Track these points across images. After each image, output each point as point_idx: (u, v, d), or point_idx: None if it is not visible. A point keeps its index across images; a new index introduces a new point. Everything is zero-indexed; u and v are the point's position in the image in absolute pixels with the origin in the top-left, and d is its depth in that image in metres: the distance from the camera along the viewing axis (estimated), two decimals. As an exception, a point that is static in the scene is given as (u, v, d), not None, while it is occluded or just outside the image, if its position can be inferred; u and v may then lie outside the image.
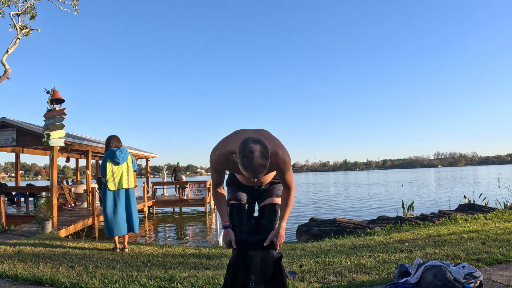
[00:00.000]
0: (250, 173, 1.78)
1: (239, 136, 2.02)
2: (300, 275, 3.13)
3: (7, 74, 8.46)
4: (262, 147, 1.78)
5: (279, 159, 2.01)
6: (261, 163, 1.76)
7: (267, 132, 2.15)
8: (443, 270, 2.46)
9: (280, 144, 2.07)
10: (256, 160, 1.75)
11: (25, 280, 3.30)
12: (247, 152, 1.76)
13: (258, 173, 1.78)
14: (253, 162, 1.75)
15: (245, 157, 1.76)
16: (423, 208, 12.43)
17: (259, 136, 2.00)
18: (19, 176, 12.11)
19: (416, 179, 44.41)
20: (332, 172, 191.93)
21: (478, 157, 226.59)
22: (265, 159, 1.78)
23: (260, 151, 1.76)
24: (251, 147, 1.76)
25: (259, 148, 1.77)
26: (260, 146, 1.78)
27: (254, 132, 2.10)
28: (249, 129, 2.17)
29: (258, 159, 1.75)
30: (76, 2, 9.53)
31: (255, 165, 1.75)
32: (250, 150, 1.75)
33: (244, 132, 2.09)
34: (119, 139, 5.17)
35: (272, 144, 1.99)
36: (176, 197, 16.20)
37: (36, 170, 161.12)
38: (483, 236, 4.41)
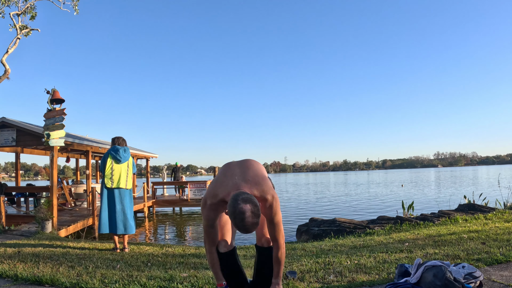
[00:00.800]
0: (243, 231, 1.85)
1: (227, 181, 2.07)
2: (300, 275, 3.13)
3: (7, 74, 8.46)
4: (252, 206, 1.84)
5: (268, 205, 2.05)
6: (253, 222, 1.82)
7: (253, 168, 2.15)
8: (443, 270, 2.46)
9: (269, 186, 2.09)
10: (248, 221, 1.81)
11: (25, 280, 3.30)
12: (238, 213, 1.81)
13: (250, 231, 1.85)
14: (245, 223, 1.81)
15: (236, 218, 1.82)
16: (423, 208, 12.44)
17: (245, 177, 2.06)
18: (19, 176, 12.12)
19: (416, 179, 44.41)
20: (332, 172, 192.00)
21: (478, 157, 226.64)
22: (256, 217, 1.83)
23: (251, 210, 1.82)
24: (242, 208, 1.81)
25: (250, 208, 1.82)
26: (250, 205, 1.83)
27: (240, 168, 2.13)
28: (235, 161, 2.22)
29: (250, 219, 1.81)
30: (76, 2, 9.54)
31: (247, 226, 1.81)
32: (241, 211, 1.80)
33: (230, 170, 2.14)
34: (125, 141, 5.18)
35: (260, 189, 2.04)
36: (176, 197, 16.20)
37: (36, 170, 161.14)
38: (483, 236, 4.41)
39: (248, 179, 2.07)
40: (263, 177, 2.12)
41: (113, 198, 4.99)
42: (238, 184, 2.03)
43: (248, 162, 2.23)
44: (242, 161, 2.25)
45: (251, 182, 2.05)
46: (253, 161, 2.25)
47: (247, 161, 2.24)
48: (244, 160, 2.25)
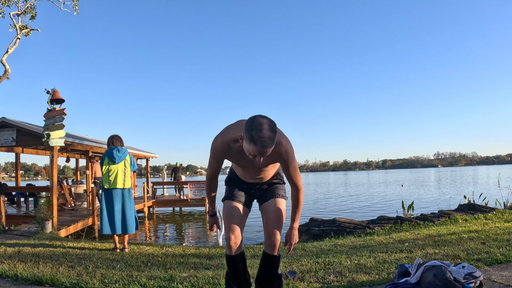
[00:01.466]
0: (259, 146, 1.74)
1: (240, 122, 2.04)
2: (300, 275, 3.13)
3: (7, 74, 8.46)
4: (269, 121, 1.79)
5: (282, 148, 1.99)
6: (270, 136, 1.75)
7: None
8: (443, 270, 2.46)
9: (284, 134, 2.06)
10: (265, 132, 1.74)
11: (25, 280, 3.30)
12: (256, 125, 1.75)
13: (267, 146, 1.75)
14: (262, 134, 1.73)
15: (253, 129, 1.75)
16: (423, 208, 12.43)
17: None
18: (19, 176, 12.11)
19: (416, 179, 44.40)
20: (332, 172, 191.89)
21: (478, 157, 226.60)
22: (273, 132, 1.77)
23: (268, 124, 1.77)
24: (260, 121, 1.77)
25: (267, 122, 1.78)
26: (268, 120, 1.79)
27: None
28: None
29: (267, 132, 1.74)
30: (76, 2, 9.54)
31: (264, 137, 1.73)
32: (259, 122, 1.76)
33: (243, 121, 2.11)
34: (120, 139, 5.17)
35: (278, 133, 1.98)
36: (176, 197, 16.21)
37: (36, 170, 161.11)
38: (483, 236, 4.41)
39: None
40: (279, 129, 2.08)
41: (111, 199, 5.00)
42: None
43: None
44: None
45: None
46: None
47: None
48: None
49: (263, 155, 1.79)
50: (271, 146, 1.77)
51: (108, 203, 5.00)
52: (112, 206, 4.99)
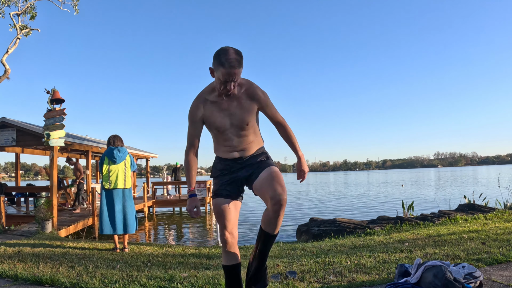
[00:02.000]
0: (227, 66, 1.88)
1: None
2: (300, 275, 3.13)
3: (7, 74, 8.46)
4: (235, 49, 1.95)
5: (257, 88, 2.15)
6: (236, 57, 1.90)
7: None
8: (443, 270, 2.46)
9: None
10: (232, 55, 1.90)
11: (25, 280, 3.30)
12: (223, 50, 1.93)
13: (234, 67, 1.88)
14: (229, 56, 1.89)
15: (220, 54, 1.91)
16: (423, 208, 12.43)
17: None
18: (19, 176, 12.12)
19: (416, 179, 44.40)
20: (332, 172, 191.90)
21: (478, 157, 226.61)
22: (239, 55, 1.92)
23: (234, 49, 1.94)
24: (226, 47, 1.94)
25: (233, 48, 1.95)
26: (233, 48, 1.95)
27: None
28: None
29: (233, 54, 1.90)
30: (76, 2, 9.54)
31: (231, 58, 1.89)
32: (225, 48, 1.93)
33: None
34: (120, 139, 5.18)
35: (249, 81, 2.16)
36: (177, 197, 16.22)
37: (36, 170, 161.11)
38: (483, 236, 4.41)
39: None
40: None
41: (112, 199, 5.00)
42: None
43: None
44: None
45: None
46: None
47: None
48: None
49: (233, 77, 1.91)
50: (238, 67, 1.90)
51: (109, 203, 5.00)
52: (113, 206, 5.00)
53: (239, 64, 1.91)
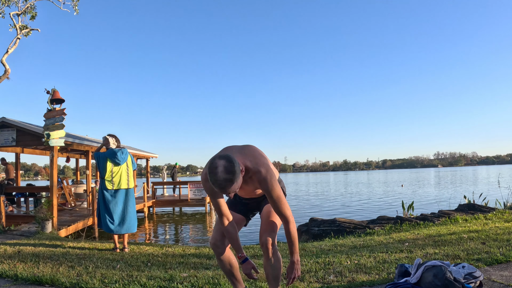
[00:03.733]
0: (217, 188, 1.80)
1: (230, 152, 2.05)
2: (300, 275, 3.13)
3: (7, 74, 8.46)
4: (226, 162, 1.79)
5: (261, 177, 1.97)
6: (225, 178, 1.77)
7: (252, 148, 2.11)
8: (443, 270, 2.46)
9: (264, 162, 2.01)
10: (220, 175, 1.77)
11: (25, 280, 3.30)
12: (211, 168, 1.79)
13: (225, 187, 1.79)
14: (217, 177, 1.77)
15: (210, 173, 1.80)
16: (423, 208, 12.44)
17: (242, 152, 2.02)
18: (19, 176, 12.12)
19: (416, 179, 44.41)
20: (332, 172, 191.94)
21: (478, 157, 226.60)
22: (229, 173, 1.77)
23: (223, 165, 1.78)
24: (215, 163, 1.79)
25: (223, 163, 1.78)
26: (224, 161, 1.79)
27: (239, 148, 2.09)
28: (236, 145, 2.17)
29: (222, 174, 1.77)
30: (76, 2, 9.54)
31: (219, 180, 1.77)
32: (214, 165, 1.79)
33: (229, 149, 2.10)
34: (119, 140, 5.18)
35: (254, 162, 1.98)
36: (175, 196, 16.22)
37: (36, 170, 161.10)
38: (483, 236, 4.41)
39: (243, 152, 2.03)
40: (261, 154, 2.08)
41: (115, 199, 5.01)
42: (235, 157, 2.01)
43: (248, 144, 2.20)
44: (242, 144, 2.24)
45: (246, 155, 2.01)
46: (254, 146, 2.22)
47: (248, 144, 2.21)
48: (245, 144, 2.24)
49: (228, 194, 1.84)
50: (230, 186, 1.79)
51: (112, 203, 5.01)
52: (116, 206, 5.01)
53: (230, 183, 1.79)
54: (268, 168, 2.00)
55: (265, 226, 2.15)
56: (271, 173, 1.99)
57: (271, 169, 2.02)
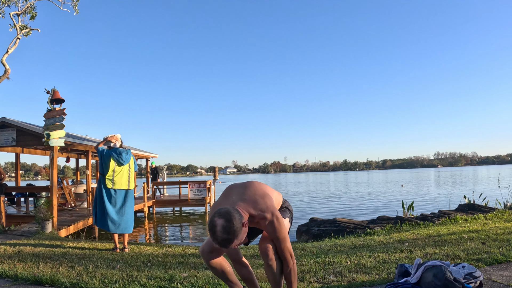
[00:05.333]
0: (218, 246, 1.84)
1: (224, 201, 2.07)
2: (300, 275, 3.13)
3: (7, 74, 8.46)
4: (225, 222, 1.80)
5: (267, 222, 1.99)
6: (223, 238, 1.80)
7: (254, 189, 2.09)
8: (443, 270, 2.46)
9: (267, 204, 2.01)
10: (219, 235, 1.80)
11: (25, 280, 3.30)
12: (211, 227, 1.83)
13: (225, 246, 1.82)
14: (216, 237, 1.81)
15: (210, 231, 1.83)
16: (423, 208, 12.44)
17: (244, 197, 2.02)
18: (19, 176, 12.12)
19: (416, 179, 44.41)
20: (332, 172, 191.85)
21: (478, 157, 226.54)
22: (227, 233, 1.80)
23: (222, 225, 1.80)
24: (214, 222, 1.82)
25: (222, 223, 1.80)
26: (223, 220, 1.81)
27: (241, 191, 2.08)
28: (239, 185, 2.17)
29: (221, 234, 1.79)
30: (76, 2, 9.54)
31: (218, 240, 1.81)
32: (213, 225, 1.82)
33: (230, 191, 2.12)
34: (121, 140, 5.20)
35: (258, 208, 1.99)
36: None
37: (36, 170, 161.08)
38: (483, 236, 4.41)
39: (245, 198, 2.02)
40: (263, 194, 2.06)
41: (115, 199, 5.01)
42: (234, 203, 2.00)
43: (249, 182, 2.18)
44: (244, 182, 2.22)
45: (248, 200, 2.01)
46: (255, 182, 2.19)
47: (249, 182, 2.19)
48: (247, 181, 2.21)
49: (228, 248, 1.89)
50: (230, 244, 1.82)
51: (110, 202, 5.01)
52: (115, 205, 5.01)
53: (229, 242, 1.82)
54: (273, 211, 2.00)
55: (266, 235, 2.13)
56: (277, 216, 2.00)
57: (275, 210, 2.01)
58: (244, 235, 1.87)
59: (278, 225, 2.00)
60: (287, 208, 2.36)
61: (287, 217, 2.30)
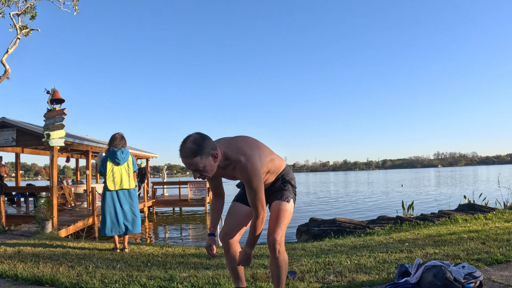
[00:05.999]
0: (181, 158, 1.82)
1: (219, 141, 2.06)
2: (300, 275, 3.13)
3: (7, 74, 8.46)
4: (198, 135, 1.84)
5: (239, 166, 1.94)
6: (189, 147, 1.79)
7: (242, 138, 2.08)
8: (443, 270, 2.46)
9: (247, 151, 1.95)
10: (187, 144, 1.80)
11: (25, 280, 3.30)
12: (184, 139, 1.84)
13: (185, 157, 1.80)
14: (183, 146, 1.81)
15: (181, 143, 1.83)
16: (423, 208, 12.43)
17: (229, 142, 2.01)
18: (19, 176, 12.12)
19: (416, 179, 44.39)
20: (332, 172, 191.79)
21: (478, 157, 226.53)
22: (195, 145, 1.79)
23: (194, 137, 1.82)
24: (189, 135, 1.84)
25: (195, 135, 1.84)
26: (197, 135, 1.84)
27: (229, 138, 2.08)
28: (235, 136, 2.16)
29: (189, 143, 1.80)
30: (76, 2, 9.54)
31: (183, 148, 1.80)
32: (187, 136, 1.84)
33: (221, 139, 2.11)
34: (125, 140, 5.17)
35: (236, 151, 1.95)
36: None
37: (36, 170, 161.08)
38: (483, 236, 4.41)
39: (229, 141, 2.01)
40: (250, 143, 2.02)
41: (119, 200, 5.03)
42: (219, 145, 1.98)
43: (244, 136, 2.16)
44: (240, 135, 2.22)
45: (231, 143, 1.99)
46: (250, 137, 2.17)
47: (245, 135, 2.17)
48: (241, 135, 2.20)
49: (189, 167, 1.84)
50: (190, 157, 1.80)
51: (115, 204, 5.01)
52: (120, 207, 5.02)
53: (191, 155, 1.79)
54: (251, 158, 1.92)
55: (273, 226, 2.11)
56: (252, 162, 1.92)
57: (254, 158, 1.94)
58: (211, 163, 1.85)
59: (251, 171, 1.91)
60: (289, 183, 2.26)
61: (291, 199, 2.21)
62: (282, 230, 2.09)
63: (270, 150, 2.22)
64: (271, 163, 2.16)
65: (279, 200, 2.19)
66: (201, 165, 1.82)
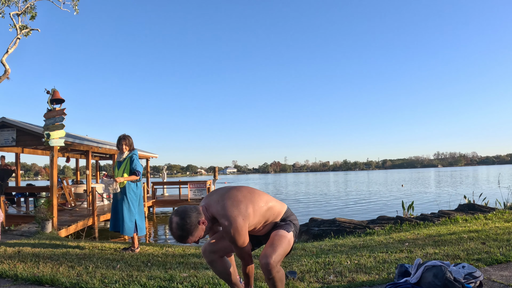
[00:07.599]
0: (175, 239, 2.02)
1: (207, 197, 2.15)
2: (300, 275, 3.13)
3: (7, 74, 8.46)
4: (179, 220, 1.96)
5: (224, 230, 1.99)
6: (179, 235, 1.97)
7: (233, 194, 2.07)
8: (443, 270, 2.46)
9: (234, 213, 1.97)
10: (174, 232, 1.98)
11: (25, 280, 3.30)
12: (169, 224, 2.02)
13: (180, 241, 1.99)
14: (172, 233, 1.99)
15: (169, 228, 2.02)
16: (423, 208, 12.44)
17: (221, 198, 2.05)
18: (19, 176, 12.12)
19: (416, 179, 44.40)
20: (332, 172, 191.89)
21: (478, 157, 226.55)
22: (181, 230, 1.95)
23: (176, 223, 1.96)
24: (171, 219, 1.99)
25: (176, 221, 1.96)
26: (178, 218, 1.97)
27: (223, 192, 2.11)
28: (233, 186, 2.20)
29: (175, 231, 1.97)
30: (76, 2, 9.54)
31: (174, 236, 1.99)
32: (170, 221, 1.99)
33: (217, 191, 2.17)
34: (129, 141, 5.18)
35: (222, 213, 1.99)
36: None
37: (36, 170, 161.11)
38: (483, 236, 4.41)
39: (218, 199, 2.06)
40: (237, 201, 2.03)
41: (142, 201, 5.13)
42: (208, 203, 2.09)
43: (238, 187, 2.16)
44: (236, 185, 2.21)
45: (217, 202, 2.05)
46: (243, 187, 2.15)
47: (239, 186, 2.17)
48: (238, 185, 2.19)
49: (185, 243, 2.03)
50: (185, 240, 1.98)
51: (140, 205, 5.07)
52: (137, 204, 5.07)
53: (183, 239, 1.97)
54: (234, 221, 1.96)
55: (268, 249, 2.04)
56: (235, 226, 1.95)
57: (237, 221, 1.97)
58: (201, 232, 2.00)
59: (235, 235, 1.97)
60: (291, 221, 2.23)
61: (291, 231, 2.17)
62: (278, 255, 2.01)
63: (267, 198, 2.18)
64: (269, 212, 2.15)
65: (278, 229, 2.16)
66: (195, 239, 2.01)
